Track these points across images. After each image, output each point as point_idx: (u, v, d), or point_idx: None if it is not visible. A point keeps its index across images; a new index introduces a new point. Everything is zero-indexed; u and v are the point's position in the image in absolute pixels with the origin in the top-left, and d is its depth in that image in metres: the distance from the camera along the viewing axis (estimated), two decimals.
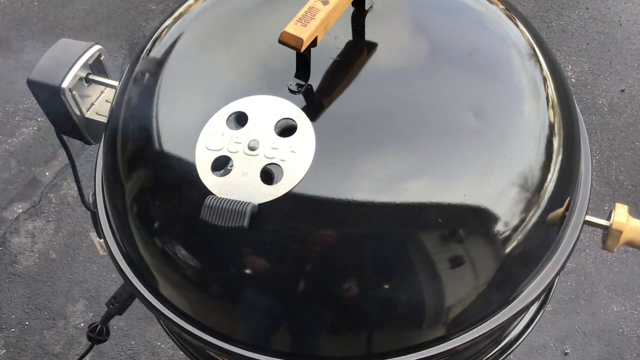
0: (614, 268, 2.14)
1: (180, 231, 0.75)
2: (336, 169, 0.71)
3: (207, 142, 0.72)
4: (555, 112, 0.80)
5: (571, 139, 0.83)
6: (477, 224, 0.73)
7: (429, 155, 0.72)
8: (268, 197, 0.68)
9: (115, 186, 0.84)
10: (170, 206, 0.75)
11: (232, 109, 0.73)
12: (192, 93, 0.79)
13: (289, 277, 0.72)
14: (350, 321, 0.74)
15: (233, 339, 0.77)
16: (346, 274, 0.71)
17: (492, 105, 0.76)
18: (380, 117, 0.74)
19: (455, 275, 0.73)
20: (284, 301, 0.73)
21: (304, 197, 0.69)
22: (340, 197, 0.70)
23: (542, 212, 0.76)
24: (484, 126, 0.74)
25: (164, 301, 0.81)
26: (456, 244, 0.72)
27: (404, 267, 0.71)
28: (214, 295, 0.78)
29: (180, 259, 0.75)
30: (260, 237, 0.70)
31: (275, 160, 0.69)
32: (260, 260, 0.72)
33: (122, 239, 0.84)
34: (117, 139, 0.83)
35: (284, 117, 0.72)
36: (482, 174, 0.72)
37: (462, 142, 0.73)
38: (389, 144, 0.72)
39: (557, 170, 0.78)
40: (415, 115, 0.74)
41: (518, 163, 0.74)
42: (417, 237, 0.71)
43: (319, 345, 0.77)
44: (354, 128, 0.73)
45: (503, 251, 0.74)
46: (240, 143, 0.71)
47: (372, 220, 0.70)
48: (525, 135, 0.76)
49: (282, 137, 0.71)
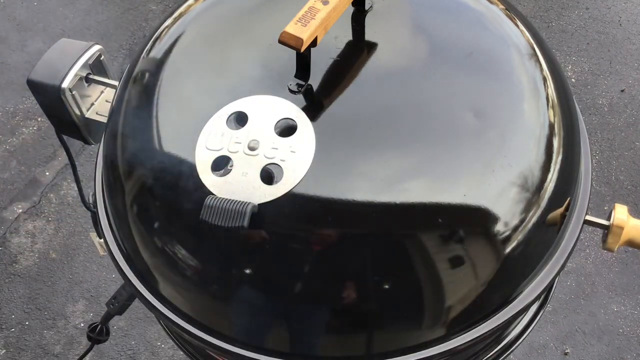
0: (614, 268, 2.14)
1: (180, 231, 0.75)
2: (336, 169, 0.70)
3: (207, 142, 0.72)
4: (555, 112, 0.80)
5: (571, 139, 0.83)
6: (477, 224, 0.73)
7: (429, 155, 0.72)
8: (268, 197, 0.68)
9: (115, 186, 0.84)
10: (170, 206, 0.75)
11: (232, 109, 0.73)
12: (192, 93, 0.79)
13: (288, 276, 0.71)
14: (350, 321, 0.74)
15: (233, 339, 0.77)
16: (346, 274, 0.71)
17: (493, 106, 0.76)
18: (380, 117, 0.74)
19: (455, 275, 0.73)
20: (284, 301, 0.73)
21: (304, 197, 0.69)
22: (340, 197, 0.70)
23: (542, 212, 0.75)
24: (484, 126, 0.74)
25: (164, 301, 0.81)
26: (456, 244, 0.72)
27: (404, 267, 0.71)
28: (214, 295, 0.78)
29: (180, 258, 0.75)
30: (260, 237, 0.70)
31: (275, 160, 0.69)
32: (260, 260, 0.72)
33: (122, 239, 0.84)
34: (117, 139, 0.83)
35: (284, 117, 0.72)
36: (482, 174, 0.72)
37: (463, 142, 0.73)
38: (388, 144, 0.72)
39: (557, 170, 0.78)
40: (415, 115, 0.74)
41: (518, 163, 0.74)
42: (417, 237, 0.71)
43: (319, 345, 0.77)
44: (353, 128, 0.73)
45: (503, 251, 0.74)
46: (240, 143, 0.70)
47: (372, 220, 0.70)
48: (525, 135, 0.76)
49: (282, 137, 0.71)
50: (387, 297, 0.72)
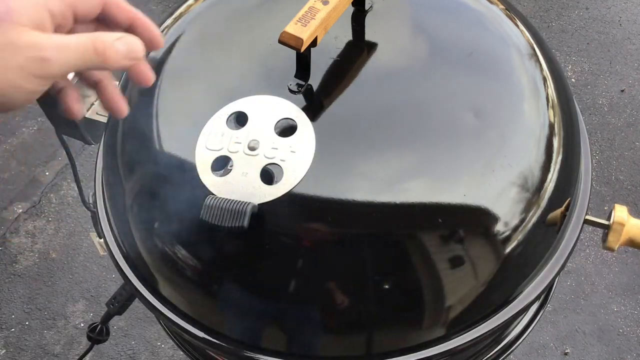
0: (614, 268, 2.14)
1: (180, 231, 0.75)
2: (336, 169, 0.71)
3: (207, 142, 0.72)
4: (555, 112, 0.80)
5: (571, 139, 0.83)
6: (477, 223, 0.73)
7: (429, 155, 0.72)
8: (268, 197, 0.68)
9: (115, 186, 0.84)
10: (170, 206, 0.75)
11: (232, 109, 0.73)
12: (192, 93, 0.79)
13: (288, 276, 0.72)
14: (351, 321, 0.74)
15: (233, 339, 0.78)
16: (346, 274, 0.71)
17: (493, 105, 0.76)
18: (381, 117, 0.74)
19: (455, 275, 0.73)
20: (283, 301, 0.73)
21: (304, 197, 0.69)
22: (341, 197, 0.70)
23: (542, 212, 0.76)
24: (485, 126, 0.74)
25: (164, 301, 0.81)
26: (456, 243, 0.72)
27: (404, 267, 0.71)
28: (214, 295, 0.78)
29: (179, 258, 0.75)
30: (260, 237, 0.70)
31: (275, 160, 0.69)
32: (260, 259, 0.72)
33: (122, 239, 0.84)
34: (117, 139, 0.83)
35: (284, 117, 0.72)
36: (482, 174, 0.72)
37: (463, 142, 0.73)
38: (389, 144, 0.72)
39: (557, 170, 0.78)
40: (415, 115, 0.74)
41: (518, 163, 0.74)
42: (417, 237, 0.71)
43: (319, 345, 0.77)
44: (354, 128, 0.73)
45: (503, 251, 0.74)
46: (240, 143, 0.70)
47: (372, 220, 0.70)
48: (525, 135, 0.76)
49: (282, 137, 0.71)
50: (388, 297, 0.72)
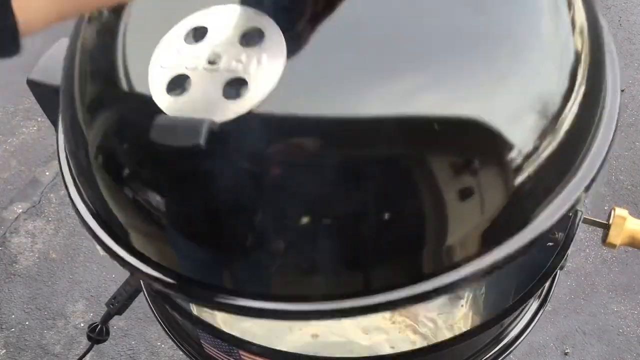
0: (614, 268, 2.14)
1: (136, 162, 0.67)
2: (311, 82, 0.62)
3: (161, 60, 0.63)
4: (582, 38, 0.70)
5: (598, 70, 0.74)
6: (491, 143, 0.64)
7: (436, 70, 0.63)
8: (231, 114, 0.59)
9: (72, 130, 0.76)
10: (124, 137, 0.67)
11: (190, 24, 0.65)
12: (144, 14, 0.71)
13: (257, 203, 0.63)
14: (336, 258, 0.65)
15: (209, 285, 0.69)
16: (331, 195, 0.62)
17: (510, 20, 0.67)
18: (364, 24, 0.63)
19: (466, 196, 0.64)
20: (248, 233, 0.64)
21: (271, 114, 0.60)
22: (314, 114, 0.61)
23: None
24: (497, 39, 0.65)
25: (131, 250, 0.73)
26: (464, 168, 0.64)
27: (389, 194, 0.63)
28: (174, 230, 0.69)
29: (139, 193, 0.68)
30: (222, 159, 0.61)
31: (239, 73, 0.61)
32: (223, 184, 0.63)
33: (84, 187, 0.77)
34: (73, 80, 0.76)
35: (249, 26, 0.63)
36: (494, 91, 0.64)
37: (470, 54, 0.64)
38: (374, 52, 0.62)
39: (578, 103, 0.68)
40: (414, 26, 0.64)
41: (535, 82, 0.66)
42: (399, 157, 0.62)
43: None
44: (332, 35, 0.63)
45: (535, 158, 0.65)
46: (199, 58, 0.62)
47: (351, 140, 0.61)
48: (543, 55, 0.67)
49: (246, 48, 0.62)
50: (376, 226, 0.63)
